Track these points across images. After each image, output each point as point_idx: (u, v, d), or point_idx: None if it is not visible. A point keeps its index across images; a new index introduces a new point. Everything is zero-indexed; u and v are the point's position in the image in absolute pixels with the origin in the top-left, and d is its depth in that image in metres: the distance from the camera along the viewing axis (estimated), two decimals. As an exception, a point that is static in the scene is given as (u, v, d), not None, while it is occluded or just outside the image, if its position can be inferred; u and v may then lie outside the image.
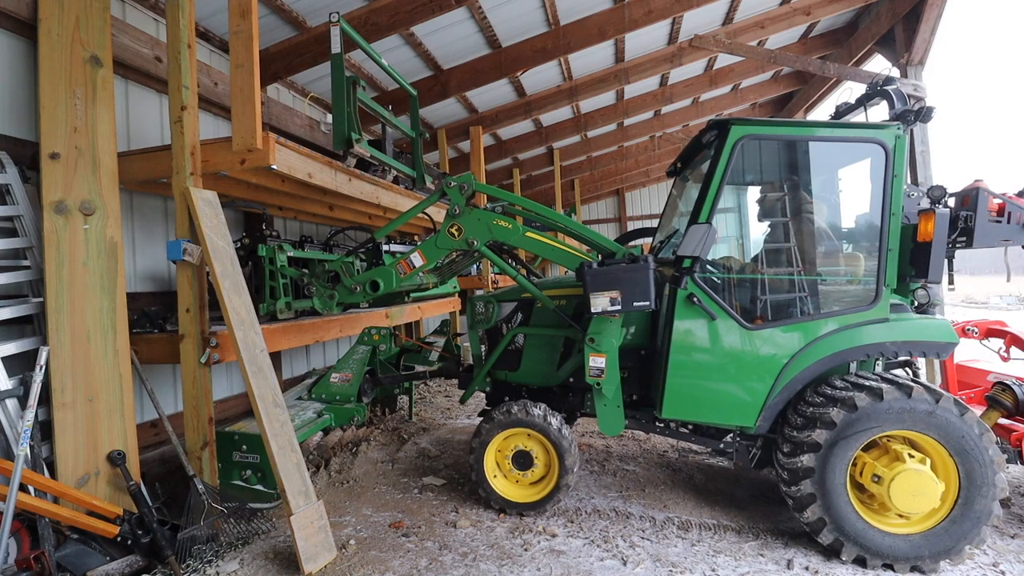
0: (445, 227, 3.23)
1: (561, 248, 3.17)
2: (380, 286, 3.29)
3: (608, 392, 2.99)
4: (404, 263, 3.32)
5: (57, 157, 2.77)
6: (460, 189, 3.23)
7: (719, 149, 2.91)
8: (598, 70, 8.05)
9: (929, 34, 6.06)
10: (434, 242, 3.29)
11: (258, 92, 3.15)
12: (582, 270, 2.90)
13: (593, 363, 2.94)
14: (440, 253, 3.30)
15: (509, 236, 3.20)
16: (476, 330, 3.73)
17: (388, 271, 3.32)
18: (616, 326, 2.98)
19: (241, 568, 2.74)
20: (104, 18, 2.98)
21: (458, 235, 3.23)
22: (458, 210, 3.22)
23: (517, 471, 3.28)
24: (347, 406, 4.07)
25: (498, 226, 3.19)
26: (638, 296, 2.80)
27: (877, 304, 2.82)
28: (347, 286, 3.37)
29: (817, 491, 2.63)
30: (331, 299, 3.42)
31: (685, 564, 2.69)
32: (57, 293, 2.72)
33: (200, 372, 3.03)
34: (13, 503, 2.30)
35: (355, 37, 4.36)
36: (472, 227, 3.22)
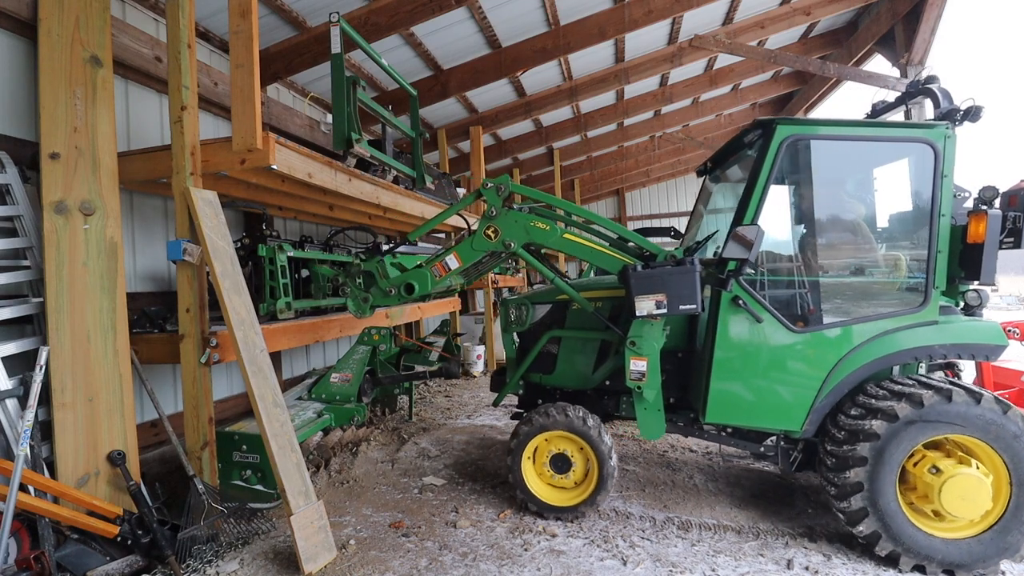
0: (481, 229, 3.17)
1: (601, 250, 3.10)
2: (415, 288, 3.21)
3: (649, 396, 2.95)
4: (439, 265, 3.25)
5: (57, 157, 2.77)
6: (497, 190, 3.15)
7: (764, 149, 2.83)
8: (598, 70, 8.05)
9: (929, 34, 6.06)
10: (470, 244, 3.21)
11: (258, 92, 3.15)
12: (626, 273, 2.83)
13: (634, 366, 2.90)
14: (476, 255, 3.24)
15: (547, 238, 3.11)
16: (510, 333, 3.67)
17: (423, 273, 3.24)
18: (658, 329, 2.93)
19: (241, 568, 2.74)
20: (104, 18, 2.98)
21: (495, 237, 3.16)
22: (495, 212, 3.14)
23: (554, 474, 3.22)
24: (347, 406, 4.07)
25: (536, 228, 3.11)
26: (684, 299, 2.75)
27: (926, 306, 2.76)
28: (382, 288, 3.27)
29: (869, 504, 2.59)
30: (365, 302, 3.32)
31: (685, 564, 2.69)
32: (57, 293, 2.72)
33: (200, 372, 3.02)
34: (13, 503, 2.30)
35: (355, 37, 4.36)
36: (509, 229, 3.14)
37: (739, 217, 2.83)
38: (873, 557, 2.67)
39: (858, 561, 2.68)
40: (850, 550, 2.77)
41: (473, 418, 5.54)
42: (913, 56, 6.23)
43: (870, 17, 7.26)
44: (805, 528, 3.00)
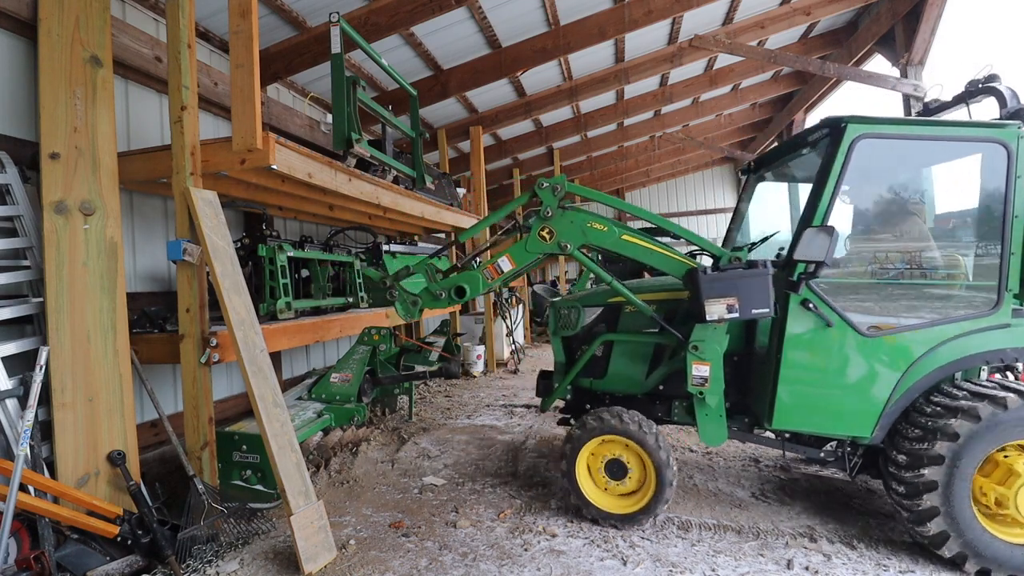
0: (536, 230, 3.08)
1: (662, 252, 2.99)
2: (466, 292, 3.13)
3: (712, 402, 2.90)
4: (492, 268, 3.15)
5: (57, 157, 2.77)
6: (553, 190, 3.04)
7: (834, 148, 2.76)
8: (598, 70, 8.05)
9: (929, 34, 6.06)
10: (523, 246, 3.11)
11: (258, 92, 3.15)
12: (695, 276, 2.73)
13: (696, 371, 2.85)
14: (529, 257, 3.14)
15: (604, 239, 3.03)
16: (559, 336, 3.57)
17: (475, 276, 3.14)
18: (721, 333, 2.87)
19: (241, 568, 2.74)
20: (104, 18, 2.98)
21: (550, 238, 3.06)
22: (550, 212, 3.05)
23: (610, 480, 3.13)
24: (347, 406, 4.07)
25: (593, 228, 3.02)
26: (757, 303, 2.66)
27: (999, 309, 2.70)
28: (432, 292, 3.19)
29: (941, 504, 2.54)
30: (414, 305, 3.24)
31: (685, 564, 2.69)
32: (57, 293, 2.72)
33: (200, 372, 3.03)
34: (13, 503, 2.30)
35: (355, 37, 4.37)
36: (565, 230, 3.04)
37: (807, 218, 2.75)
38: (934, 559, 2.65)
39: (858, 561, 2.68)
40: (850, 550, 2.77)
41: (473, 418, 5.54)
42: (913, 56, 6.23)
43: (870, 17, 7.26)
44: (805, 528, 3.00)
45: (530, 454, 4.33)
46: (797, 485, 3.59)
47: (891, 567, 2.62)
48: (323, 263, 4.68)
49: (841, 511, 3.20)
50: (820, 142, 2.97)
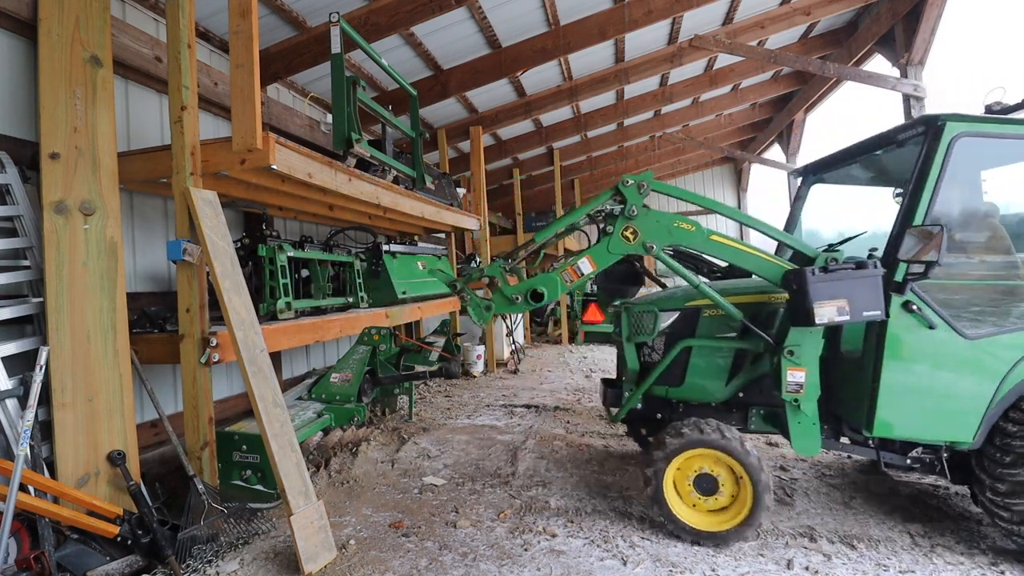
0: (618, 230, 2.95)
1: (754, 253, 2.88)
2: (544, 296, 2.99)
3: (807, 409, 2.80)
4: (571, 270, 3.01)
5: (57, 157, 2.77)
6: (638, 188, 2.92)
7: (932, 148, 2.70)
8: (598, 70, 8.05)
9: (929, 34, 6.06)
10: (605, 247, 2.98)
11: (258, 92, 3.15)
12: (803, 277, 2.63)
13: (792, 378, 2.75)
14: (611, 259, 3.02)
15: (692, 239, 2.92)
16: (632, 342, 3.39)
17: (553, 279, 3.00)
18: (817, 337, 2.78)
19: (241, 568, 2.74)
20: (104, 18, 2.98)
21: (634, 239, 2.93)
22: (635, 211, 2.92)
23: (699, 495, 2.94)
24: (347, 406, 4.07)
25: (679, 228, 2.91)
26: (868, 305, 2.57)
27: None
28: (506, 296, 3.04)
29: None
30: (488, 310, 3.11)
31: (685, 564, 2.69)
32: (57, 293, 2.72)
33: (200, 372, 3.03)
34: (13, 503, 2.30)
35: (355, 37, 4.37)
36: (650, 229, 2.93)
37: (907, 218, 2.69)
38: (934, 559, 2.65)
39: (858, 561, 2.68)
40: (850, 550, 2.77)
41: (473, 418, 5.54)
42: (913, 56, 6.23)
43: (870, 17, 7.26)
44: (805, 528, 3.00)
45: (530, 454, 4.33)
46: (797, 485, 3.59)
47: (891, 567, 2.62)
48: (323, 263, 4.68)
49: (841, 511, 3.20)
50: (910, 141, 2.89)
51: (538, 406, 5.94)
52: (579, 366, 8.66)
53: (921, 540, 2.85)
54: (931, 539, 2.86)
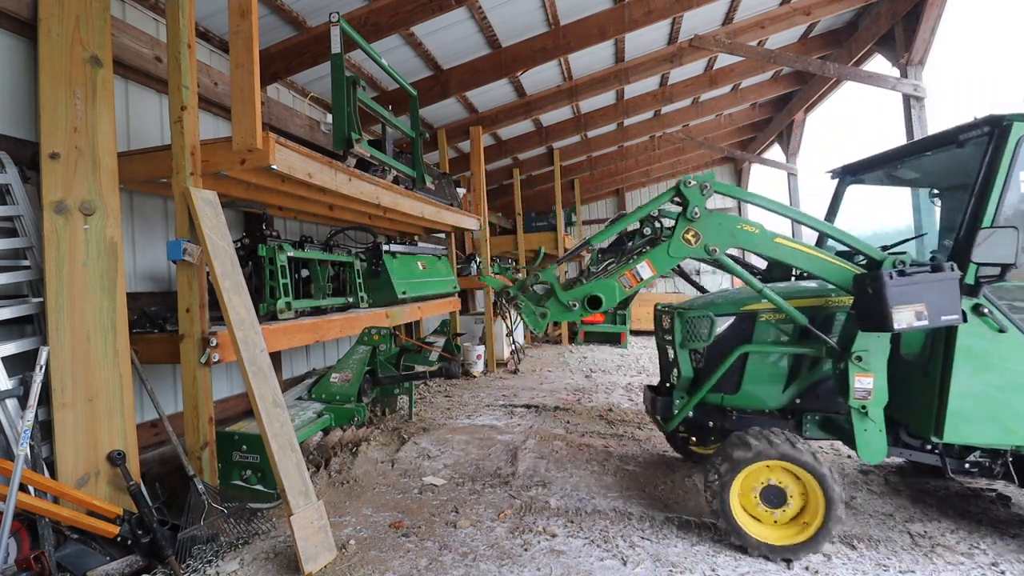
0: (679, 233, 2.88)
1: (820, 256, 2.83)
2: (602, 302, 2.91)
3: (875, 415, 2.76)
4: (630, 275, 2.92)
5: (57, 157, 2.77)
6: (701, 189, 2.83)
7: (999, 147, 2.67)
8: (598, 70, 8.05)
9: (929, 34, 6.06)
10: (666, 250, 2.90)
11: (258, 92, 3.15)
12: (880, 281, 2.55)
13: (860, 384, 2.70)
14: (672, 263, 2.93)
15: (755, 242, 2.85)
16: (686, 349, 3.29)
17: (611, 285, 2.92)
18: (885, 342, 2.72)
19: (241, 568, 2.74)
20: (104, 18, 2.98)
21: (695, 242, 2.86)
22: (697, 213, 2.83)
23: (766, 508, 2.82)
24: (347, 406, 4.07)
25: (743, 231, 2.85)
26: (946, 309, 2.49)
27: None
28: (562, 302, 2.95)
29: None
30: (543, 317, 3.02)
31: (685, 564, 2.69)
32: (57, 293, 2.72)
33: (200, 372, 3.03)
34: (13, 503, 2.30)
35: (355, 37, 4.37)
36: (712, 232, 2.85)
37: (974, 219, 2.66)
38: (934, 559, 2.65)
39: (858, 561, 2.68)
40: (850, 550, 2.77)
41: (473, 418, 5.54)
42: (913, 56, 6.23)
43: (870, 17, 7.26)
44: None
45: (530, 454, 4.33)
46: (797, 485, 3.59)
47: (891, 567, 2.62)
48: (323, 263, 4.68)
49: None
50: (972, 141, 2.84)
51: (538, 406, 5.94)
52: (579, 366, 8.66)
53: (921, 540, 2.85)
54: (931, 539, 2.86)
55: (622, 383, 7.15)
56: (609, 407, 5.80)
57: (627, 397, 6.30)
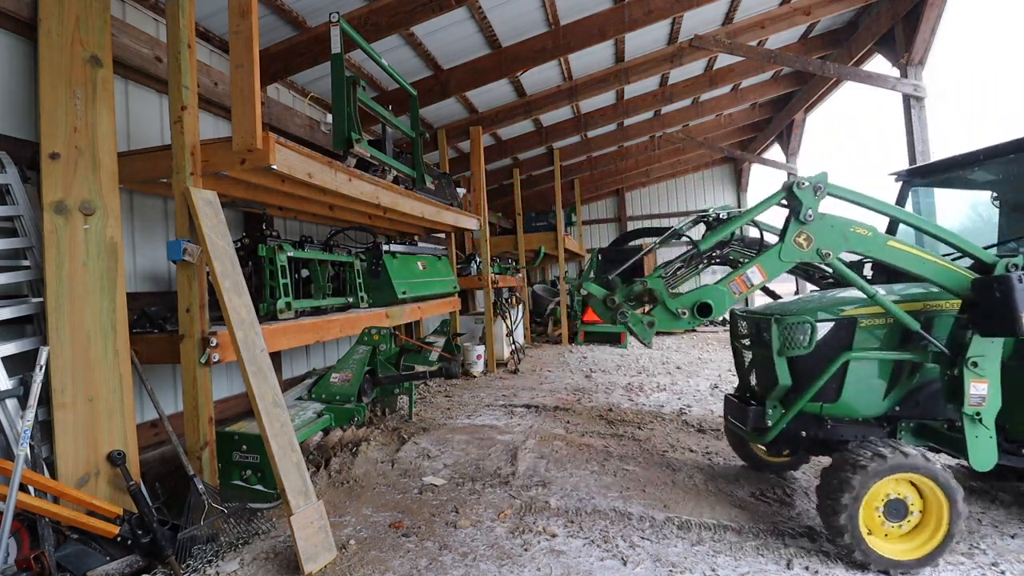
0: (790, 236, 2.79)
1: (935, 261, 2.73)
2: (712, 309, 2.82)
3: (988, 422, 2.70)
4: (740, 281, 2.83)
5: (57, 157, 2.77)
6: (814, 191, 2.74)
7: None
8: (598, 70, 8.06)
9: (929, 34, 6.07)
10: (777, 255, 2.81)
11: (258, 92, 3.15)
12: (1009, 284, 2.50)
13: (975, 390, 2.64)
14: (783, 267, 2.86)
15: (868, 246, 2.79)
16: (784, 356, 3.13)
17: (720, 291, 2.82)
18: (999, 347, 2.66)
19: (241, 568, 2.74)
20: (104, 18, 2.98)
21: (807, 245, 2.78)
22: (811, 215, 2.75)
23: (890, 523, 2.70)
24: (347, 406, 4.07)
25: (856, 234, 2.77)
26: None
27: None
28: (671, 310, 2.86)
29: None
30: (651, 326, 2.93)
31: (685, 564, 2.69)
32: (57, 293, 2.72)
33: (200, 372, 3.03)
34: (13, 503, 2.30)
35: (355, 37, 4.37)
36: (825, 236, 2.77)
37: None
38: None
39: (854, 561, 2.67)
40: (850, 550, 2.77)
41: (473, 418, 5.54)
42: (913, 56, 6.23)
43: (870, 17, 7.26)
44: (805, 528, 3.00)
45: (530, 454, 4.33)
46: (797, 485, 3.59)
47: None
48: (323, 263, 4.68)
49: (841, 511, 3.20)
50: None
51: (538, 406, 5.94)
52: (579, 366, 8.66)
53: (921, 540, 2.85)
54: (931, 539, 2.86)
55: (622, 383, 7.15)
56: (609, 407, 5.80)
57: (627, 397, 6.30)
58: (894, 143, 6.86)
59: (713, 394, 6.32)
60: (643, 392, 6.56)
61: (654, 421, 5.18)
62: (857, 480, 2.60)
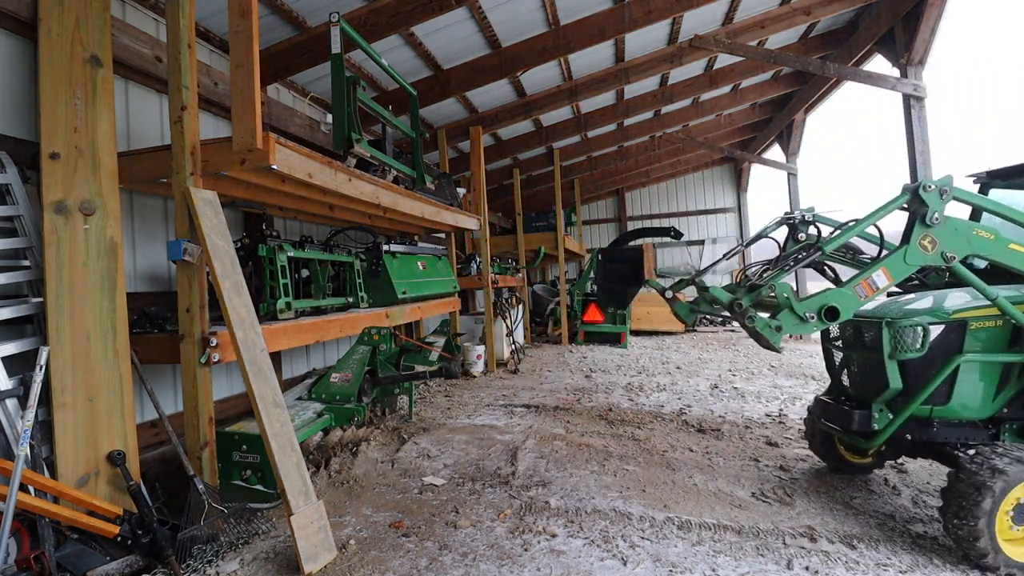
0: (916, 239, 2.81)
1: None
2: (839, 312, 2.81)
3: None
4: (865, 284, 2.83)
5: (57, 157, 2.77)
6: (940, 194, 2.74)
7: None
8: (598, 70, 8.06)
9: (929, 34, 6.07)
10: (902, 258, 2.83)
11: (258, 92, 3.15)
12: None
13: None
14: (908, 271, 2.86)
15: (990, 249, 2.81)
16: (895, 360, 3.10)
17: (847, 294, 2.83)
18: None
19: (241, 568, 2.74)
20: (104, 18, 2.98)
21: (931, 248, 2.79)
22: (937, 219, 2.75)
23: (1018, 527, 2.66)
24: (347, 406, 4.07)
25: (979, 237, 2.78)
26: None
27: None
28: (798, 314, 2.85)
29: None
30: (778, 331, 2.91)
31: (685, 564, 2.69)
32: (57, 293, 2.72)
33: (200, 372, 3.03)
34: (13, 503, 2.30)
35: (355, 37, 4.37)
36: (950, 239, 2.78)
37: None
38: (934, 559, 2.63)
39: (858, 561, 2.68)
40: (850, 550, 2.77)
41: (473, 418, 5.54)
42: (913, 56, 6.23)
43: (870, 17, 7.26)
44: (805, 528, 3.00)
45: (530, 454, 4.33)
46: (797, 485, 3.59)
47: (891, 567, 2.62)
48: (323, 263, 4.68)
49: (841, 511, 3.20)
50: None
51: (538, 406, 5.94)
52: (579, 366, 8.66)
53: (921, 540, 2.85)
54: (931, 539, 2.86)
55: (622, 383, 7.15)
56: (609, 407, 5.80)
57: (627, 397, 6.30)
58: (894, 143, 6.86)
59: (713, 394, 6.32)
60: (643, 392, 6.56)
61: (654, 421, 5.18)
62: (999, 485, 2.57)
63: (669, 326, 12.96)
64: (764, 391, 6.37)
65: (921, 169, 6.07)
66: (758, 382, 6.95)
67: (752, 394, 6.23)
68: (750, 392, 6.34)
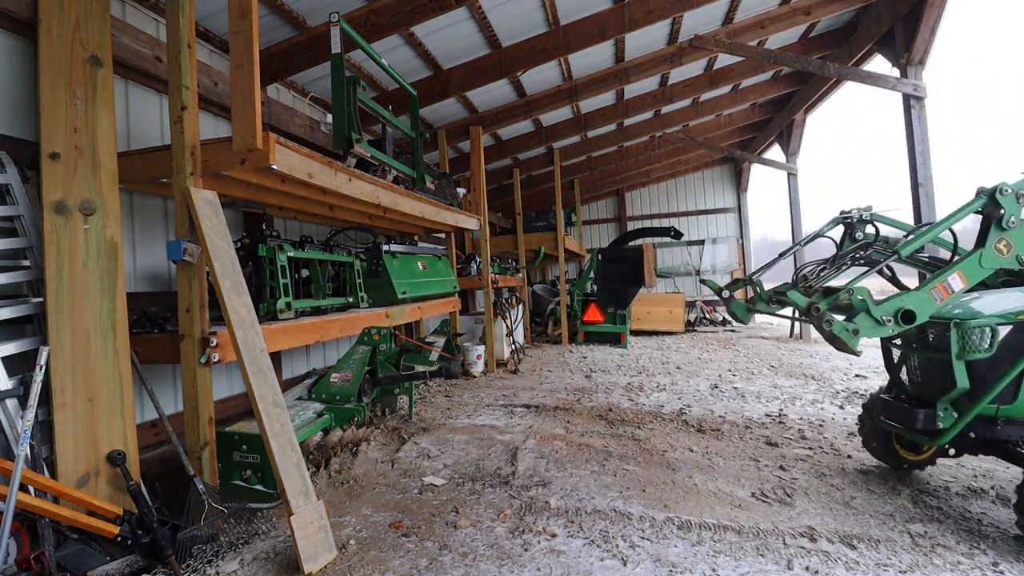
0: (991, 243, 2.85)
1: None
2: (915, 315, 2.83)
3: None
4: (941, 287, 2.85)
5: (57, 157, 2.77)
6: (1017, 198, 2.79)
7: None
8: (598, 70, 8.06)
9: (929, 34, 6.06)
10: (977, 261, 2.85)
11: (258, 92, 3.15)
12: None
13: None
14: (983, 274, 2.88)
15: None
16: (962, 360, 3.10)
17: (923, 297, 2.83)
18: None
19: (241, 568, 2.74)
20: (104, 18, 2.98)
21: (1007, 252, 2.83)
22: (1014, 222, 2.80)
23: None
24: (347, 406, 4.07)
25: None
26: None
27: None
28: (874, 317, 2.86)
29: None
30: (855, 334, 2.90)
31: (685, 564, 2.69)
32: (57, 293, 2.72)
33: (200, 372, 3.03)
34: (13, 503, 2.30)
35: (355, 37, 4.37)
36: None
37: None
38: (934, 559, 2.63)
39: (858, 561, 2.68)
40: (850, 550, 2.77)
41: (473, 418, 5.54)
42: (913, 56, 6.23)
43: (870, 17, 7.26)
44: (805, 528, 3.00)
45: (530, 454, 4.33)
46: (797, 485, 3.59)
47: (891, 567, 2.62)
48: (323, 263, 4.68)
49: (841, 511, 3.20)
50: None
51: (538, 406, 5.94)
52: (579, 366, 8.66)
53: (921, 540, 2.85)
54: (931, 539, 2.86)
55: (622, 383, 7.15)
56: (609, 407, 5.80)
57: (627, 397, 6.30)
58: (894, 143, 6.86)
59: (713, 394, 6.32)
60: (643, 392, 6.56)
61: (654, 421, 5.18)
62: None
63: (669, 326, 12.97)
64: (764, 391, 6.37)
65: (921, 169, 6.07)
66: (758, 382, 6.95)
67: (752, 394, 6.23)
68: (750, 392, 6.35)
